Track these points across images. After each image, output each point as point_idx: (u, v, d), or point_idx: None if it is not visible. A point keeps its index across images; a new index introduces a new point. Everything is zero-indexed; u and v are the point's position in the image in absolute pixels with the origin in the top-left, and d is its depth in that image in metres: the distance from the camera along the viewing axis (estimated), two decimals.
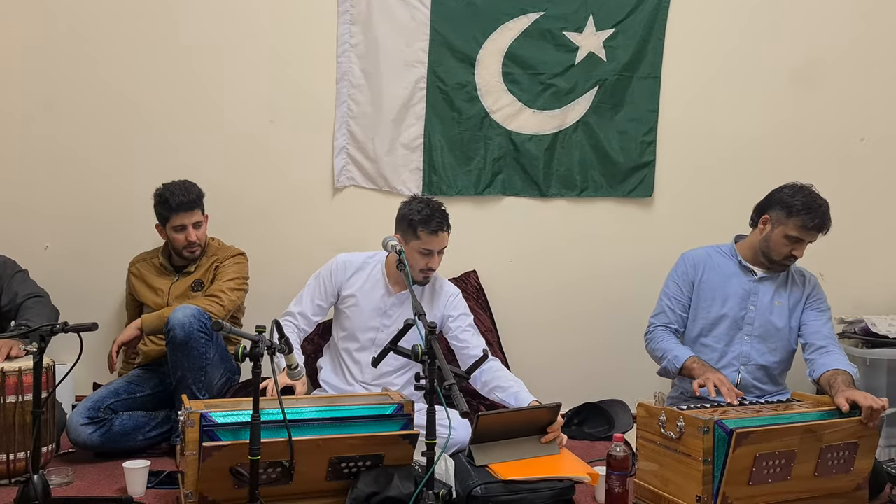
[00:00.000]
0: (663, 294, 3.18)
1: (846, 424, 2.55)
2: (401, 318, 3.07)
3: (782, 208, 2.96)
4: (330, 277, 3.15)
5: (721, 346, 3.07)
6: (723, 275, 3.10)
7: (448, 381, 2.20)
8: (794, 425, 2.48)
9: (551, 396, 3.12)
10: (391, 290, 3.13)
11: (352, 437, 2.48)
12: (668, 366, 3.03)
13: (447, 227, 3.07)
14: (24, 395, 2.75)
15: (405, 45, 3.73)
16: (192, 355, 2.97)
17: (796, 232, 2.94)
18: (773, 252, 3.00)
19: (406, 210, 3.07)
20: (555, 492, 2.60)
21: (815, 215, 2.91)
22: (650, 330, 3.16)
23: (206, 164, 3.60)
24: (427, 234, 3.00)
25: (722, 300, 3.07)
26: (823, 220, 2.93)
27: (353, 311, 3.13)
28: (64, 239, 3.63)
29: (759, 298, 3.06)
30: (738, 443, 2.37)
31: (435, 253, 3.05)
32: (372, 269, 3.16)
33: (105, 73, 3.61)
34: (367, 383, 3.12)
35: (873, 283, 3.95)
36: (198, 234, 3.25)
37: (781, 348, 3.07)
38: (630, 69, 3.83)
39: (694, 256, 3.16)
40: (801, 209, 2.92)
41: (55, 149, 3.61)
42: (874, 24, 3.94)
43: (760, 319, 3.05)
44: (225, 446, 2.34)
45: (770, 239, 3.00)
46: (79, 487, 2.75)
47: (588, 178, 3.86)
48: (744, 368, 3.05)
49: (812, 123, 3.94)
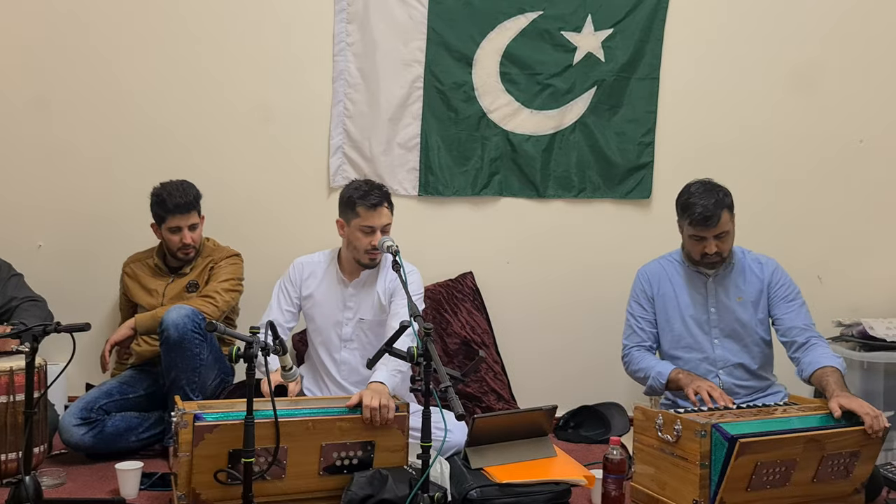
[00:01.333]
0: (629, 314, 3.15)
1: (850, 433, 2.52)
2: (361, 306, 3.06)
3: (678, 210, 2.98)
4: (290, 281, 3.14)
5: (694, 356, 3.02)
6: (677, 284, 3.07)
7: (444, 383, 2.18)
8: (798, 435, 2.45)
9: (547, 398, 3.12)
10: (345, 280, 3.10)
11: (341, 419, 2.51)
12: (653, 383, 2.98)
13: (388, 204, 3.02)
14: (15, 396, 2.74)
15: (402, 45, 3.71)
16: (186, 356, 2.95)
17: (693, 231, 2.91)
18: (693, 254, 2.98)
19: (345, 191, 3.06)
20: (551, 495, 2.60)
21: (696, 209, 2.85)
22: (626, 353, 3.12)
23: (200, 162, 3.59)
24: (366, 209, 2.95)
25: (682, 309, 3.04)
26: (707, 211, 2.84)
27: (315, 310, 3.11)
28: (57, 238, 3.61)
29: (719, 298, 3.02)
30: (741, 452, 2.34)
31: (377, 230, 2.98)
32: (326, 265, 3.14)
33: (98, 70, 3.59)
34: (346, 381, 3.07)
35: (871, 286, 3.94)
36: (193, 236, 3.23)
37: (753, 342, 3.02)
38: (628, 70, 3.82)
39: (648, 271, 3.14)
40: (687, 207, 2.91)
41: (48, 147, 3.59)
42: (873, 25, 3.93)
43: (725, 319, 3.01)
44: (217, 426, 2.35)
45: (684, 242, 3.02)
46: (71, 489, 2.74)
47: (586, 179, 3.85)
48: (722, 372, 3.00)
49: (811, 125, 3.93)
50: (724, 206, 2.89)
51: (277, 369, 2.67)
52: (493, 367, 3.68)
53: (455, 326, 3.66)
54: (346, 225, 3.02)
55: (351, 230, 2.99)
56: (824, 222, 3.94)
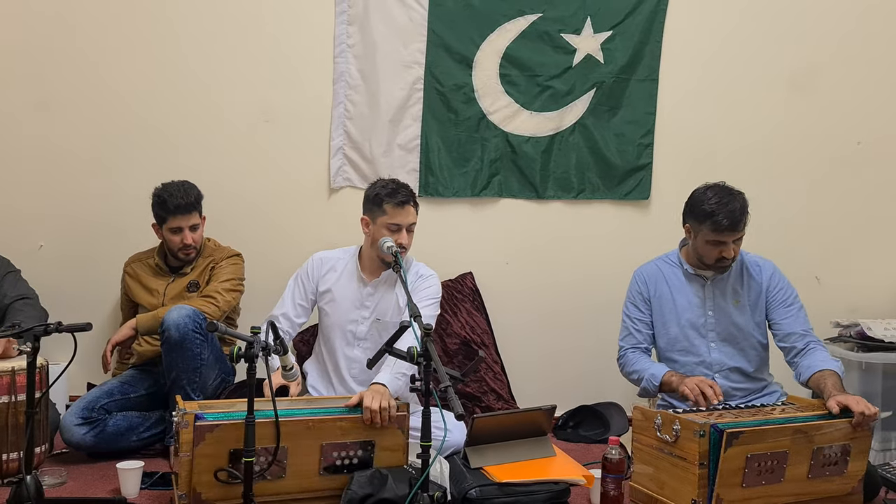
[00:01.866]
0: (625, 315, 3.13)
1: (838, 426, 2.55)
2: (377, 307, 3.07)
3: (693, 216, 2.93)
4: (307, 276, 3.14)
5: (689, 359, 3.02)
6: (674, 286, 3.05)
7: (444, 383, 2.19)
8: (784, 426, 2.48)
9: (546, 398, 3.13)
10: (365, 279, 3.10)
11: (341, 419, 2.51)
12: (646, 385, 2.99)
13: (414, 203, 3.03)
14: (17, 396, 2.75)
15: (402, 46, 3.72)
16: (187, 356, 2.96)
17: (713, 236, 2.87)
18: (705, 258, 2.95)
19: (371, 189, 3.07)
20: (550, 494, 2.60)
21: (723, 216, 2.82)
22: (621, 354, 3.11)
23: (201, 163, 3.59)
24: (393, 206, 2.96)
25: (678, 313, 3.03)
26: (734, 218, 2.83)
27: (331, 306, 3.11)
28: (58, 238, 3.62)
29: (716, 302, 3.01)
30: (729, 442, 2.37)
31: (403, 228, 2.99)
32: (346, 263, 3.14)
33: (100, 71, 3.60)
34: (355, 380, 3.08)
35: (869, 286, 3.96)
36: (194, 237, 3.23)
37: (750, 346, 3.02)
38: (627, 71, 3.83)
39: (644, 273, 3.12)
40: (710, 213, 2.85)
41: (49, 147, 3.60)
42: (871, 27, 3.94)
43: (722, 323, 3.00)
44: (218, 426, 2.35)
45: (697, 246, 2.96)
46: (72, 488, 2.74)
47: (585, 180, 3.86)
48: (718, 375, 2.99)
49: (809, 127, 3.94)
50: (746, 210, 2.88)
51: (278, 369, 2.68)
52: (492, 367, 3.69)
53: (455, 327, 3.67)
54: (371, 223, 3.02)
55: (377, 228, 2.99)
56: (822, 223, 3.95)
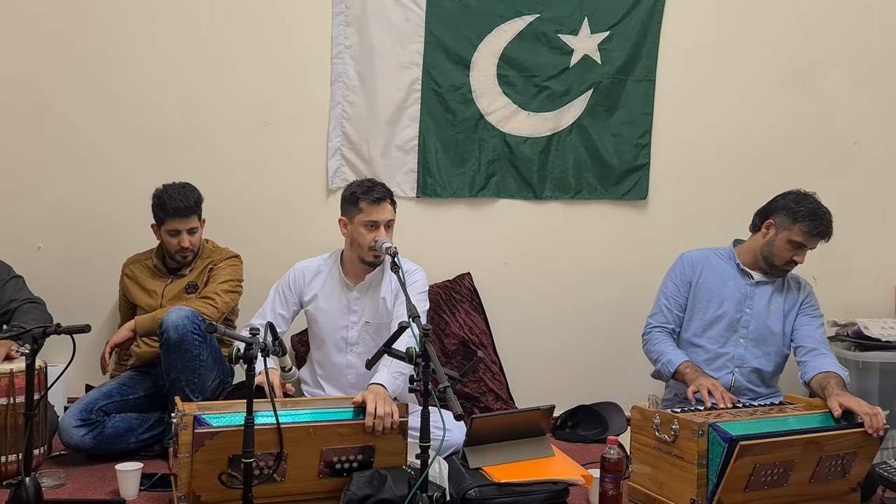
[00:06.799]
0: (661, 294, 3.20)
1: (850, 435, 2.54)
2: (366, 310, 3.05)
3: (787, 214, 3.01)
4: (289, 286, 3.11)
5: (716, 348, 3.09)
6: (720, 277, 3.13)
7: (443, 383, 2.19)
8: (797, 437, 2.46)
9: (545, 398, 3.13)
10: (350, 284, 3.08)
11: (342, 424, 2.50)
12: (661, 369, 3.06)
13: (391, 200, 3.01)
14: (15, 397, 2.74)
15: (400, 47, 3.73)
16: (186, 357, 2.95)
17: (800, 237, 2.98)
18: (776, 257, 3.04)
19: (347, 190, 3.07)
20: (549, 494, 2.61)
21: (819, 222, 2.97)
22: (647, 331, 3.19)
23: (200, 164, 3.59)
24: (369, 203, 2.94)
25: (718, 302, 3.10)
26: (828, 227, 2.99)
27: (319, 314, 3.08)
28: (57, 240, 3.61)
29: (756, 302, 3.08)
30: (741, 454, 2.36)
31: (381, 226, 2.96)
32: (329, 269, 3.12)
33: (98, 73, 3.59)
34: (353, 387, 3.05)
35: (866, 286, 3.97)
36: (192, 240, 3.23)
37: (775, 352, 3.10)
38: (624, 72, 3.84)
39: (692, 257, 3.19)
40: (807, 215, 2.97)
41: (48, 148, 3.60)
42: (867, 27, 3.95)
43: (756, 323, 3.08)
44: (218, 432, 2.35)
45: (773, 244, 3.04)
46: (71, 490, 2.74)
47: (582, 180, 3.87)
48: (738, 371, 3.07)
49: (805, 127, 3.95)
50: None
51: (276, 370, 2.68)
52: (491, 368, 3.70)
53: (453, 327, 3.67)
54: (349, 223, 3.00)
55: (354, 227, 2.98)
56: None
